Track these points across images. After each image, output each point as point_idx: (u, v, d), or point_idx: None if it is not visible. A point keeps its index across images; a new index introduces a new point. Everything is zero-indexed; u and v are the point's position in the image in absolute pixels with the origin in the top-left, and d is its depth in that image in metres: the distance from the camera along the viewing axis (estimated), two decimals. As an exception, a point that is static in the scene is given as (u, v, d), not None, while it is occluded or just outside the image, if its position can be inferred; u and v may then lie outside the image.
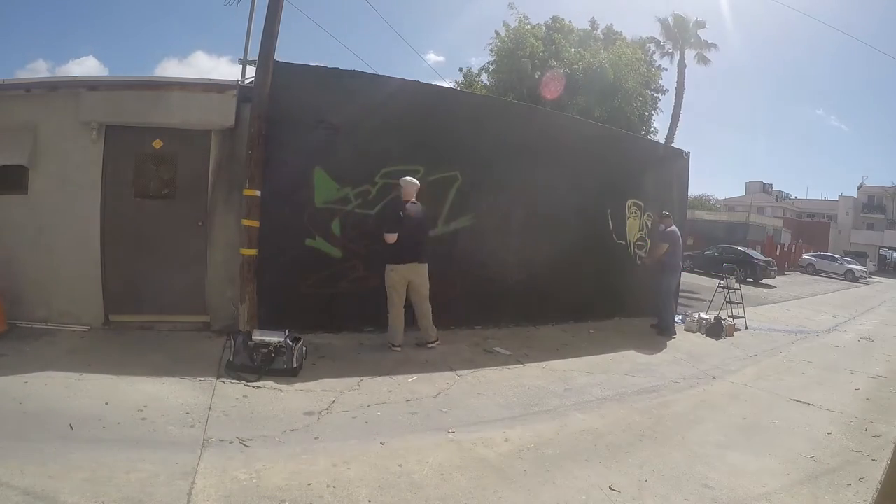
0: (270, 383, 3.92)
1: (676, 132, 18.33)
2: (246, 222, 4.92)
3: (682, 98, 18.83)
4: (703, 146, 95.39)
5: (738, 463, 3.27)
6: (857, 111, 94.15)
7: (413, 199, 5.13)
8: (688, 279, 12.07)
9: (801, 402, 4.65)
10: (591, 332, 6.80)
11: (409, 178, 5.18)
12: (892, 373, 6.11)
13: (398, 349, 5.05)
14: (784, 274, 22.85)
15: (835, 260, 28.23)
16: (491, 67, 15.27)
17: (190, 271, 5.22)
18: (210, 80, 5.18)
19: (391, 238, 4.91)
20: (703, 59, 20.05)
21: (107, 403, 3.31)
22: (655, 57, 18.95)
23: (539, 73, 13.55)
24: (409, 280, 5.03)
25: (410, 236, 4.98)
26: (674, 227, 7.32)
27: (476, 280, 6.18)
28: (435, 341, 5.26)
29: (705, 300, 9.22)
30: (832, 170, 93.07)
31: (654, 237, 7.99)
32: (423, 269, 5.11)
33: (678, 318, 8.08)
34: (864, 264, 29.07)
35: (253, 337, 4.20)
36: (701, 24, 19.70)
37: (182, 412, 3.31)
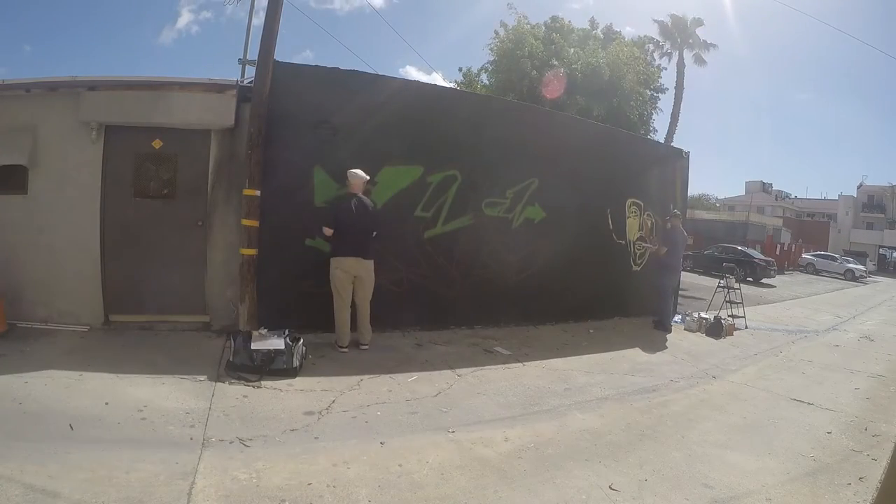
0: (270, 383, 3.92)
1: (676, 131, 18.36)
2: (246, 222, 4.91)
3: (682, 97, 18.88)
4: (703, 145, 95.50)
5: (737, 462, 3.27)
6: (858, 110, 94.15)
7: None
8: (687, 279, 12.08)
9: (800, 401, 4.65)
10: (591, 331, 6.81)
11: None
12: (893, 372, 6.11)
13: None
14: (784, 273, 22.86)
15: (835, 259, 28.21)
16: (490, 67, 15.28)
17: (190, 271, 5.21)
18: (210, 80, 5.17)
19: None
20: (701, 59, 20.08)
21: (107, 403, 3.31)
22: (654, 56, 18.98)
23: (538, 72, 13.55)
24: None
25: None
26: (675, 227, 7.53)
27: (476, 279, 6.19)
28: None
29: (705, 300, 9.22)
30: (832, 169, 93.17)
31: (659, 234, 8.07)
32: None
33: (678, 318, 8.10)
34: (863, 264, 29.05)
35: (253, 337, 4.20)
36: (699, 23, 19.72)
37: (182, 412, 3.31)
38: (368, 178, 5.03)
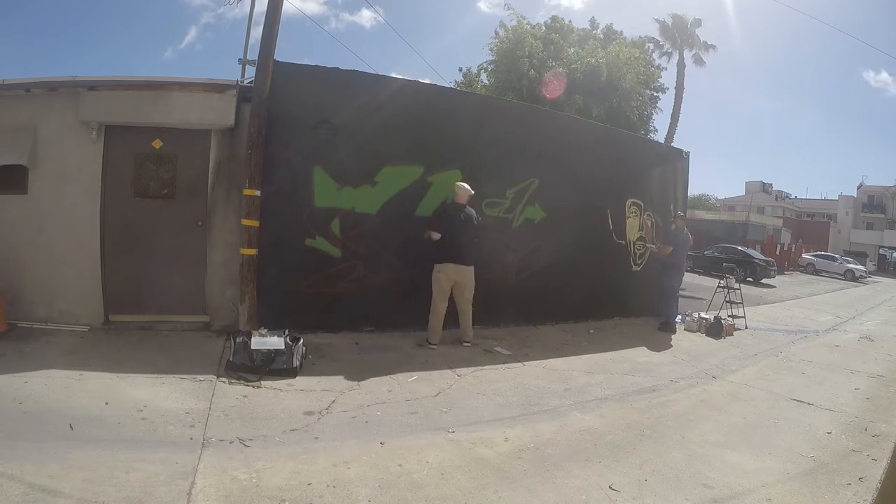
0: (270, 383, 3.92)
1: (676, 131, 18.41)
2: (246, 222, 4.91)
3: (682, 97, 18.96)
4: (703, 145, 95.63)
5: (737, 462, 3.27)
6: (858, 109, 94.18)
7: None
8: (688, 279, 12.05)
9: (800, 401, 4.65)
10: (591, 331, 6.81)
11: None
12: (893, 372, 6.11)
13: None
14: (784, 273, 22.86)
15: (834, 259, 28.21)
16: (490, 67, 15.30)
17: (190, 271, 5.21)
18: (210, 79, 5.17)
19: None
20: (701, 60, 20.12)
21: (107, 403, 3.31)
22: (655, 56, 19.02)
23: (538, 72, 13.56)
24: None
25: None
26: (679, 229, 7.63)
27: (476, 280, 6.17)
28: None
29: (705, 300, 9.22)
30: (832, 169, 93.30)
31: (668, 235, 7.99)
32: None
33: (678, 318, 8.09)
34: (863, 264, 29.06)
35: (253, 337, 4.20)
36: (699, 24, 19.77)
37: (182, 412, 3.31)
38: (473, 192, 5.48)
